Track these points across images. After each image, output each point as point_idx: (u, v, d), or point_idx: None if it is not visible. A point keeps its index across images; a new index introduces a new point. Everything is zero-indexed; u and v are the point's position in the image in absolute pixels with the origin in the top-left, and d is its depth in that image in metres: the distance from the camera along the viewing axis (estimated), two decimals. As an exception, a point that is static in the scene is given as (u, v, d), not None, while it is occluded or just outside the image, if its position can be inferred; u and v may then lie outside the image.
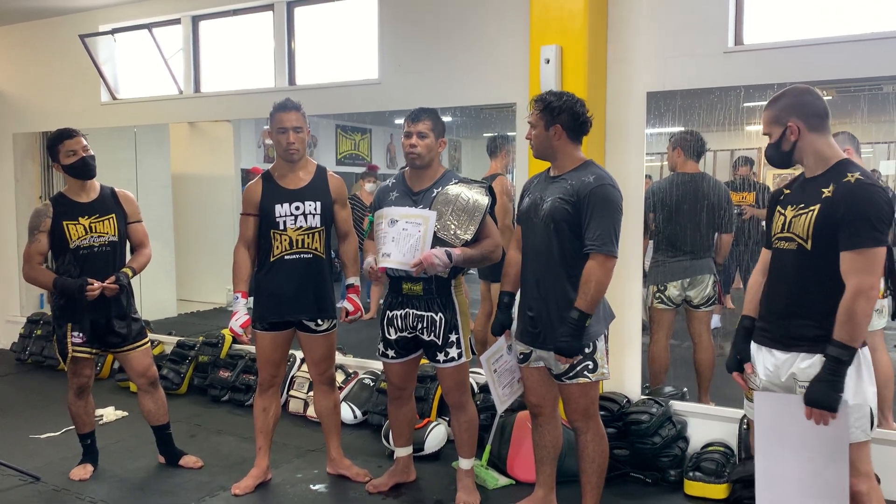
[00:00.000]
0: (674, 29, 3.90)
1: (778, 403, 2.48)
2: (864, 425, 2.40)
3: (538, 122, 3.01)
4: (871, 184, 2.34)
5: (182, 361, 5.44)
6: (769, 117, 2.53)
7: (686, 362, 4.58)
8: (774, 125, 2.51)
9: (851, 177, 2.36)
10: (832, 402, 2.31)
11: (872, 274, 2.30)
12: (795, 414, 2.38)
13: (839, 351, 2.31)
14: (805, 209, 2.44)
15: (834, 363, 2.31)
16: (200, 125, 7.21)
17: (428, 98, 4.27)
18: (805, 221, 2.42)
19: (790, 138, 2.47)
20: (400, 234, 3.20)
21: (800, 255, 2.44)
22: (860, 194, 2.32)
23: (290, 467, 3.99)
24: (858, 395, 2.39)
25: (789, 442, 2.45)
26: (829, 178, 2.41)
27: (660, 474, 3.79)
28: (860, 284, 2.29)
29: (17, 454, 4.16)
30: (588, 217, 2.90)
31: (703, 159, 4.59)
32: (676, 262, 4.42)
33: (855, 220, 2.30)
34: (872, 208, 2.30)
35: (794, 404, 2.40)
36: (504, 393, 3.35)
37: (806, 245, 2.42)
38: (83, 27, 6.13)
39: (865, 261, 2.30)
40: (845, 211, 2.32)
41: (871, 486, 2.48)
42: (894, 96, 4.02)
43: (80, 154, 3.64)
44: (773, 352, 2.53)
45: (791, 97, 2.50)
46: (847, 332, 2.30)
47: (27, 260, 3.67)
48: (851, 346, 2.30)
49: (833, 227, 2.35)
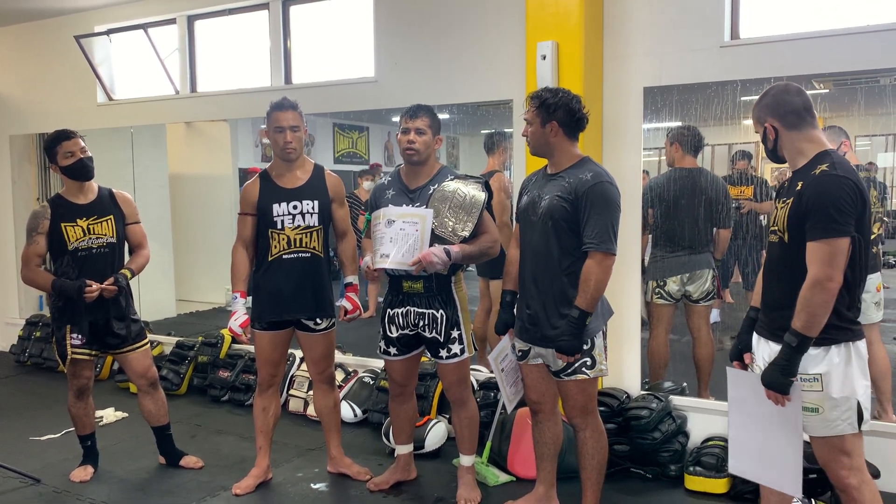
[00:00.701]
0: (670, 24, 3.90)
1: (746, 381, 2.60)
2: (849, 418, 2.42)
3: (534, 119, 3.01)
4: (836, 174, 2.35)
5: (181, 362, 5.44)
6: (753, 117, 2.63)
7: (685, 357, 4.59)
8: (757, 124, 2.61)
9: (818, 168, 2.39)
10: (782, 385, 2.38)
11: (830, 265, 2.32)
12: (759, 392, 2.48)
13: (791, 338, 2.36)
14: (785, 203, 2.49)
15: (787, 349, 2.38)
16: (197, 125, 7.20)
17: (425, 95, 4.26)
18: (783, 215, 2.48)
19: (770, 137, 2.55)
20: (397, 234, 3.20)
21: (781, 247, 2.50)
22: (823, 185, 2.35)
23: (290, 466, 3.99)
24: (846, 387, 2.40)
25: (754, 416, 2.56)
26: (805, 171, 2.46)
27: (660, 469, 3.79)
28: (817, 275, 2.33)
29: (18, 456, 4.15)
30: (586, 215, 2.90)
31: (701, 154, 4.59)
32: (675, 258, 4.42)
33: (817, 210, 2.34)
34: (831, 199, 2.33)
35: (755, 382, 2.51)
36: (511, 392, 3.36)
37: (784, 237, 2.48)
38: (79, 28, 6.12)
39: (825, 251, 2.33)
40: (809, 202, 2.36)
41: (863, 480, 2.48)
42: (891, 89, 4.02)
43: (78, 155, 3.64)
44: (769, 343, 2.56)
45: (769, 97, 2.56)
46: (801, 321, 2.34)
47: (25, 262, 3.66)
48: (805, 334, 2.34)
49: (802, 219, 2.39)
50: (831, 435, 2.44)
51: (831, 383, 2.40)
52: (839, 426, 2.42)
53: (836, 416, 2.41)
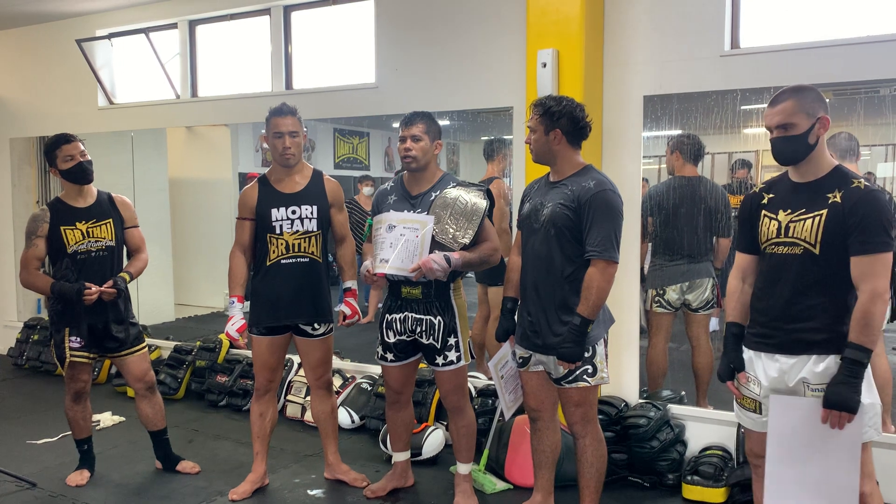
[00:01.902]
0: (670, 33, 3.91)
1: (797, 406, 2.45)
2: (876, 423, 2.43)
3: (538, 127, 3.01)
4: (877, 190, 2.39)
5: (179, 366, 5.43)
6: (795, 107, 2.42)
7: (684, 366, 4.58)
8: (802, 115, 2.42)
9: (860, 183, 2.39)
10: (852, 404, 2.33)
11: (886, 277, 2.35)
12: (808, 417, 2.39)
13: (858, 353, 2.34)
14: (807, 214, 2.44)
15: (853, 365, 2.34)
16: (198, 129, 7.20)
17: (425, 102, 4.27)
18: (811, 226, 2.42)
19: (819, 132, 2.43)
20: (398, 239, 3.20)
21: (806, 259, 2.45)
22: (874, 200, 2.36)
23: (287, 472, 3.98)
24: (871, 394, 2.41)
25: (800, 445, 2.44)
26: (832, 184, 2.43)
27: (658, 478, 3.78)
28: (876, 288, 2.34)
29: (14, 460, 4.14)
30: (589, 223, 2.89)
31: (701, 163, 4.59)
32: (675, 266, 4.42)
33: (870, 225, 2.34)
34: (885, 215, 2.35)
35: (807, 407, 2.41)
36: (510, 399, 3.35)
37: (814, 249, 2.43)
38: (80, 32, 6.13)
39: (879, 265, 2.35)
40: (861, 217, 2.35)
41: (874, 488, 2.49)
42: (891, 99, 4.02)
43: (78, 159, 3.64)
44: (776, 357, 2.52)
45: (816, 92, 2.46)
46: (865, 335, 2.34)
47: (24, 265, 3.66)
48: (869, 348, 2.34)
49: (843, 233, 2.37)
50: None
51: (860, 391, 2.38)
52: (868, 433, 2.41)
53: (863, 423, 2.40)
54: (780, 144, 2.48)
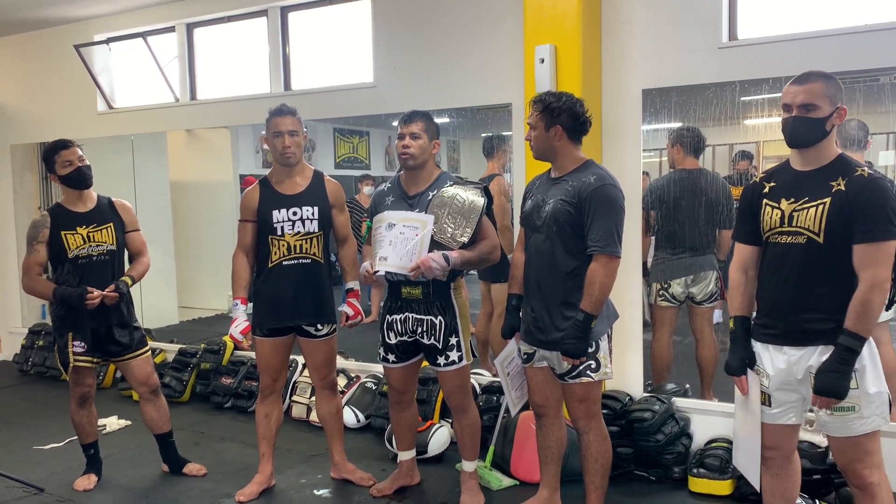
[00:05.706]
0: (667, 25, 3.90)
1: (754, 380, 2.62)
2: (884, 412, 2.42)
3: (538, 123, 3.00)
4: (881, 178, 2.37)
5: (184, 369, 5.44)
6: (823, 89, 2.39)
7: (688, 359, 4.57)
8: (826, 99, 2.39)
9: (864, 171, 2.38)
10: (841, 390, 2.34)
11: (887, 266, 2.34)
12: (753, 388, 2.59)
13: (852, 341, 2.34)
14: (811, 202, 2.42)
15: (845, 353, 2.34)
16: (198, 132, 7.21)
17: (424, 100, 4.27)
18: (815, 214, 2.40)
19: (835, 121, 2.42)
20: (397, 237, 3.19)
21: (810, 248, 2.43)
22: (878, 188, 2.35)
23: (293, 473, 3.99)
24: (878, 382, 2.40)
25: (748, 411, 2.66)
26: (835, 172, 2.41)
27: (664, 472, 3.78)
28: (876, 277, 2.33)
29: (21, 465, 4.16)
30: (590, 218, 2.89)
31: (702, 155, 4.58)
32: (679, 260, 4.41)
33: (874, 213, 2.33)
34: (890, 203, 2.33)
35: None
36: (515, 395, 3.35)
37: (818, 238, 2.41)
38: (78, 37, 6.13)
39: (881, 253, 2.34)
40: (865, 205, 2.33)
41: (882, 477, 2.48)
42: (890, 87, 4.01)
43: (76, 164, 3.65)
44: (783, 349, 2.51)
45: (839, 82, 2.44)
46: (861, 323, 2.33)
47: (26, 271, 3.67)
48: (864, 336, 2.34)
49: (847, 221, 2.35)
50: (865, 432, 2.41)
51: (866, 379, 2.38)
52: (874, 422, 2.41)
53: (870, 412, 2.40)
54: (798, 124, 2.43)
